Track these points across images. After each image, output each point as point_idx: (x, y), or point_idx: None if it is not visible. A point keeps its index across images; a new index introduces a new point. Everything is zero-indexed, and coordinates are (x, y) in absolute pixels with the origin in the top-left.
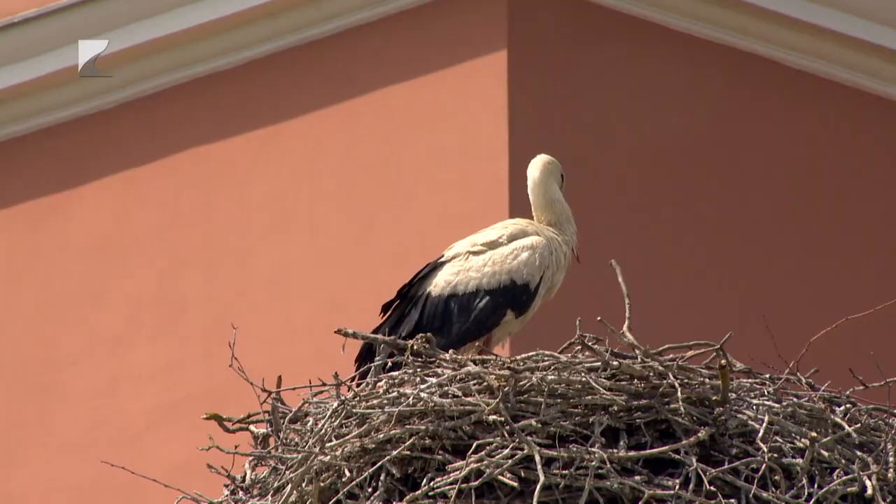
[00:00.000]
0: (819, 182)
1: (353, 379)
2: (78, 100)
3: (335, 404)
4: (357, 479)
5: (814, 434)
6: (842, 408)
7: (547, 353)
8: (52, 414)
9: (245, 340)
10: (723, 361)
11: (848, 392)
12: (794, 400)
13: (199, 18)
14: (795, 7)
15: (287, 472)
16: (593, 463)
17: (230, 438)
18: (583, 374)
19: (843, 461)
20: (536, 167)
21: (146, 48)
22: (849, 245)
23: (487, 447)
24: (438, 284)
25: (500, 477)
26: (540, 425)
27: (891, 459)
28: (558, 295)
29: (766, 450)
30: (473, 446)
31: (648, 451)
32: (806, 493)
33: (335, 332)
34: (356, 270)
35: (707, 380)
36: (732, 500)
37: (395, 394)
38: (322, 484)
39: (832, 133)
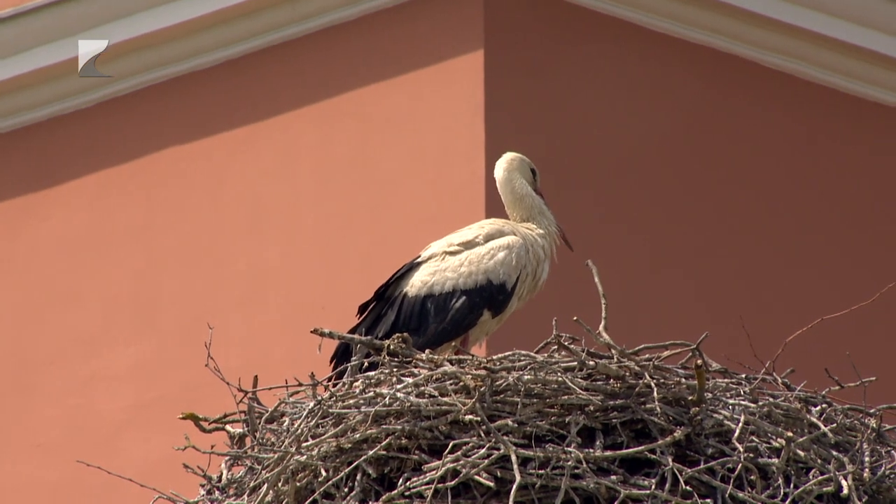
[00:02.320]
0: (795, 182)
1: (329, 379)
2: (53, 100)
3: (311, 404)
4: (333, 479)
5: (790, 434)
6: (818, 408)
7: (523, 352)
8: (27, 413)
9: (221, 340)
10: (699, 361)
11: (824, 392)
12: (770, 400)
13: (174, 18)
14: (771, 7)
15: (263, 472)
16: (569, 463)
17: (206, 438)
18: (559, 374)
19: (818, 461)
20: (500, 166)
21: (121, 48)
22: (825, 245)
23: (463, 447)
24: (415, 285)
25: (476, 477)
26: (516, 425)
27: (866, 459)
28: (535, 295)
29: (741, 449)
30: (449, 446)
31: (624, 451)
32: (782, 493)
33: (311, 331)
34: (332, 270)
35: (683, 380)
36: (708, 500)
37: (371, 394)
38: (298, 484)
39: (808, 133)
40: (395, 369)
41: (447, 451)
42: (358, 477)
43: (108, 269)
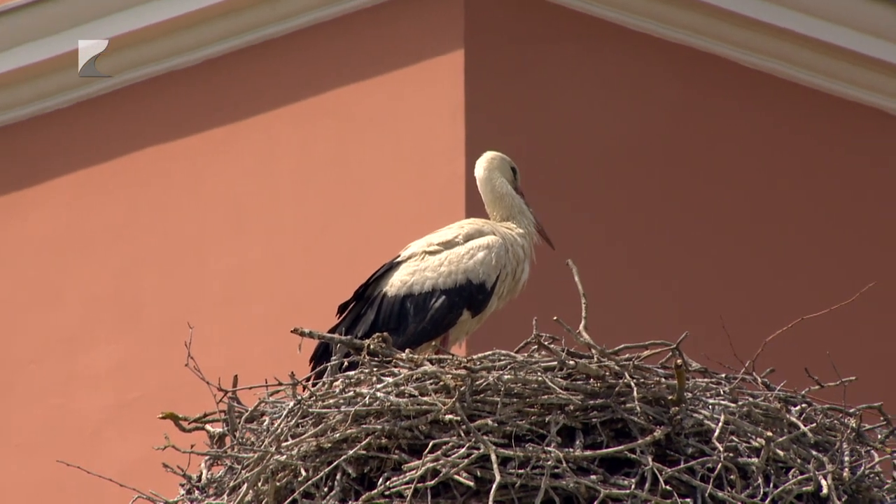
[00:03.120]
0: (775, 182)
1: (309, 378)
2: (33, 99)
3: (291, 404)
4: (313, 479)
5: (769, 433)
6: (797, 407)
7: (503, 352)
8: (7, 413)
9: (201, 340)
10: (679, 361)
11: (803, 392)
12: (750, 399)
13: (154, 17)
14: (750, 6)
15: (243, 472)
16: (549, 462)
17: (186, 438)
18: (539, 374)
19: (798, 461)
20: (480, 165)
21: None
22: (804, 245)
23: (443, 446)
24: (394, 284)
25: (457, 476)
26: (496, 424)
27: (846, 459)
28: (516, 296)
29: (721, 449)
30: (430, 446)
31: (604, 451)
32: (761, 493)
33: (291, 331)
34: (313, 270)
35: (663, 379)
36: (688, 500)
37: (351, 393)
38: (278, 483)
39: (788, 133)
40: (375, 369)
41: (427, 450)
42: (338, 476)
43: (89, 269)
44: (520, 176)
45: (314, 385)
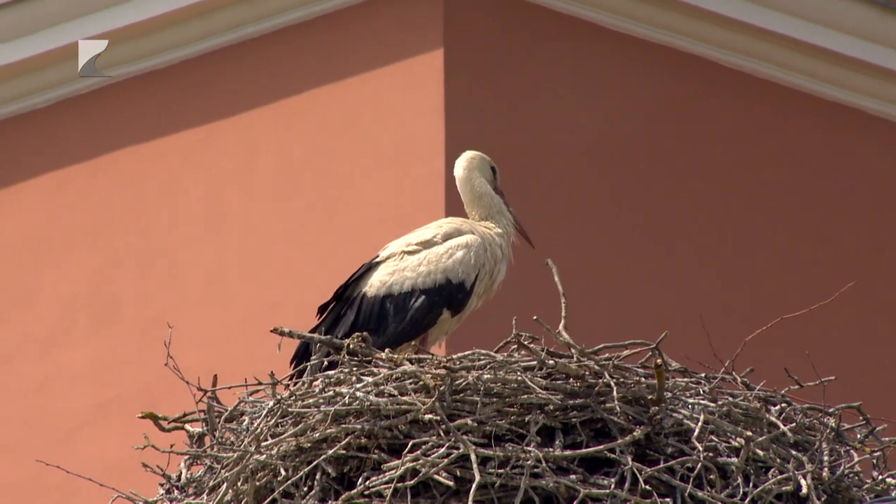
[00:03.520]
0: (755, 181)
1: (289, 378)
2: (8, 100)
3: (271, 403)
4: (293, 479)
5: (749, 433)
6: (777, 407)
7: (483, 352)
8: None
9: (180, 339)
10: (658, 361)
11: (783, 391)
12: (730, 399)
13: (131, 18)
14: (730, 6)
15: (222, 471)
16: (529, 462)
17: (165, 437)
18: (519, 374)
19: (778, 460)
20: (460, 164)
21: (77, 48)
22: (784, 244)
23: (423, 446)
24: (374, 285)
25: (436, 476)
26: (476, 424)
27: (825, 458)
28: (494, 294)
29: (701, 449)
30: (409, 445)
31: (584, 450)
32: (741, 492)
33: (271, 331)
34: (292, 270)
35: (643, 379)
36: (668, 499)
37: (331, 393)
38: (258, 483)
39: (768, 132)
40: (354, 368)
41: (407, 450)
42: (317, 476)
43: (67, 268)
44: (499, 175)
45: (294, 385)
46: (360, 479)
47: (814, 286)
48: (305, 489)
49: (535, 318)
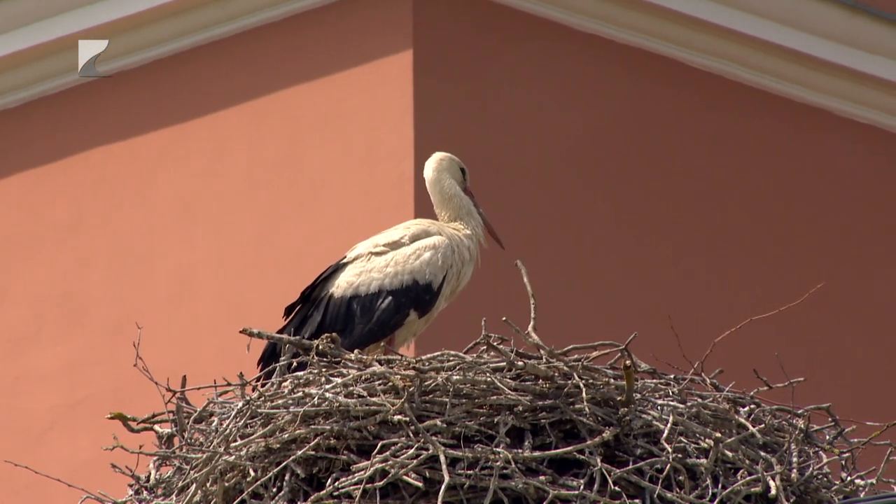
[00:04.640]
0: (724, 182)
1: (258, 379)
2: None
3: (240, 404)
4: (262, 479)
5: (718, 434)
6: (746, 408)
7: (452, 353)
8: None
9: (149, 340)
10: (627, 362)
11: (752, 393)
12: (699, 400)
13: (102, 18)
14: (698, 7)
15: (192, 472)
16: (498, 463)
17: (134, 438)
18: (488, 375)
19: (747, 461)
20: (430, 165)
21: (49, 47)
22: (753, 245)
23: (392, 447)
24: (341, 286)
25: (405, 477)
26: (445, 425)
27: (794, 460)
28: (463, 295)
29: (670, 450)
30: (378, 446)
31: (553, 452)
32: (710, 494)
33: (240, 331)
34: (261, 270)
35: (612, 380)
36: (637, 501)
37: (300, 394)
38: (226, 484)
39: (736, 133)
40: (323, 369)
41: (376, 451)
42: (286, 477)
43: (36, 268)
44: (469, 176)
45: (263, 385)
46: (330, 480)
47: (782, 288)
48: (274, 490)
49: (504, 318)
